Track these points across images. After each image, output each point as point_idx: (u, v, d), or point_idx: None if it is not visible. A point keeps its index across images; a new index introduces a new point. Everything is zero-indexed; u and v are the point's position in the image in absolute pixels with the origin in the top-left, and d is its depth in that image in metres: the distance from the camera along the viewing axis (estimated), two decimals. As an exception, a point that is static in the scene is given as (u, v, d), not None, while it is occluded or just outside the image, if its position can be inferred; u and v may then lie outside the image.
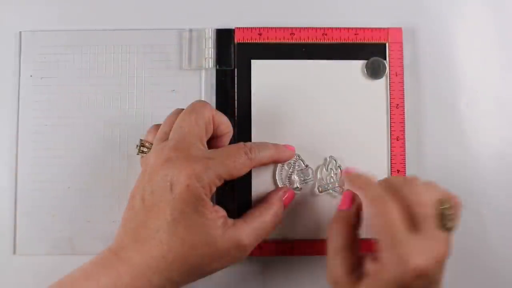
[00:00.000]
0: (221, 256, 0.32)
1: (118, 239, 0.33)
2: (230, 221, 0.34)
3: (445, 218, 0.32)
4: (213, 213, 0.32)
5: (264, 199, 0.38)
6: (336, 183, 0.40)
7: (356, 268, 0.33)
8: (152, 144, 0.36)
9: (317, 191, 0.41)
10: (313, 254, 0.41)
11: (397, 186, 0.33)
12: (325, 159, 0.41)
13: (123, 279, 0.31)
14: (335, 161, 0.41)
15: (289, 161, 0.40)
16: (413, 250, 0.30)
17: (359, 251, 0.34)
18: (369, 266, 0.32)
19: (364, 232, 0.35)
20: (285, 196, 0.38)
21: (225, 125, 0.37)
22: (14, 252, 0.41)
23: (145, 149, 0.36)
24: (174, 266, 0.31)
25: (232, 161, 0.34)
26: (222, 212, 0.34)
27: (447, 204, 0.32)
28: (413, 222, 0.31)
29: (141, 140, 0.37)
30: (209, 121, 0.35)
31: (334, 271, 0.33)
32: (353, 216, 0.35)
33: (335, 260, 0.34)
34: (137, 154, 0.37)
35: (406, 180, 0.34)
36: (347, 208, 0.36)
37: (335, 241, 0.34)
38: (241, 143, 0.35)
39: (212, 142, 0.37)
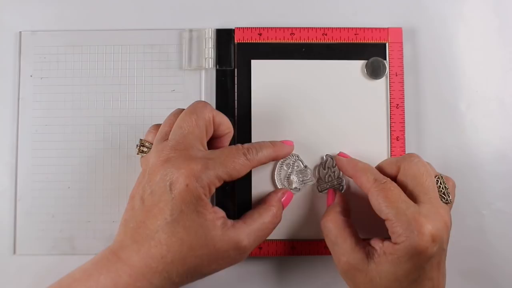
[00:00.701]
0: (220, 257, 0.33)
1: (118, 239, 0.33)
2: (230, 222, 0.34)
3: (444, 191, 0.34)
4: (212, 214, 0.32)
5: (263, 200, 0.38)
6: (335, 182, 0.40)
7: (362, 248, 0.34)
8: (152, 144, 0.36)
9: (317, 190, 0.41)
10: (313, 254, 0.41)
11: (393, 165, 0.36)
12: (322, 158, 0.41)
13: (123, 279, 0.31)
14: (332, 159, 0.41)
15: (288, 161, 0.40)
16: (424, 217, 0.32)
17: (357, 235, 0.35)
18: (379, 244, 0.33)
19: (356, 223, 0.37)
20: (284, 198, 0.38)
21: (226, 126, 0.37)
22: (14, 252, 0.41)
23: (145, 149, 0.36)
24: (173, 266, 0.31)
25: (231, 162, 0.34)
26: (221, 213, 0.34)
27: (443, 179, 0.35)
28: (415, 194, 0.33)
29: (141, 140, 0.37)
30: (209, 122, 0.35)
31: (340, 257, 0.34)
32: (338, 205, 0.37)
33: (336, 246, 0.35)
34: (137, 154, 0.37)
35: (402, 157, 0.36)
36: (331, 202, 0.39)
37: (330, 231, 0.36)
38: (239, 145, 0.36)
39: (213, 142, 0.37)
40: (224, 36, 0.42)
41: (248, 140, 0.41)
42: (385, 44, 0.42)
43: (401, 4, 0.43)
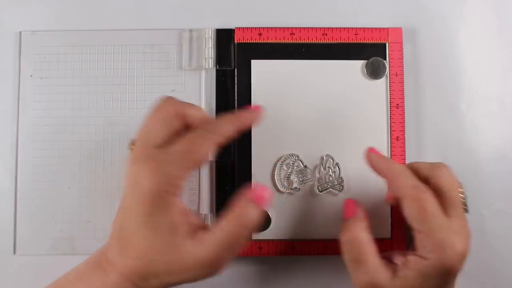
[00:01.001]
0: (187, 269, 0.30)
1: (108, 239, 0.33)
2: (199, 230, 0.31)
3: (465, 201, 0.34)
4: (180, 216, 0.31)
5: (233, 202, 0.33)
6: (335, 181, 0.40)
7: (386, 266, 0.33)
8: None
9: (317, 190, 0.40)
10: (313, 254, 0.41)
11: (426, 172, 0.34)
12: (322, 158, 0.41)
13: (110, 279, 0.31)
14: (332, 159, 0.41)
15: (288, 161, 0.40)
16: (455, 235, 0.31)
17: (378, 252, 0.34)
18: (401, 259, 0.33)
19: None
20: (255, 197, 0.32)
21: (194, 116, 0.33)
22: (14, 252, 0.41)
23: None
24: (149, 269, 0.30)
25: (191, 147, 0.31)
26: (192, 217, 0.32)
27: (463, 188, 0.34)
28: (445, 206, 0.32)
29: (131, 139, 0.36)
30: (173, 115, 0.33)
31: (362, 276, 0.32)
32: (362, 220, 0.35)
33: (359, 265, 0.33)
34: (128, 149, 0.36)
35: (434, 166, 0.34)
36: (353, 215, 0.35)
37: (353, 248, 0.33)
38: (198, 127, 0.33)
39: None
40: (224, 36, 0.42)
41: (248, 139, 0.41)
42: (385, 44, 0.42)
43: (401, 4, 0.43)
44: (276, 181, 0.40)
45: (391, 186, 0.35)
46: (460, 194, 0.33)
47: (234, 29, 0.42)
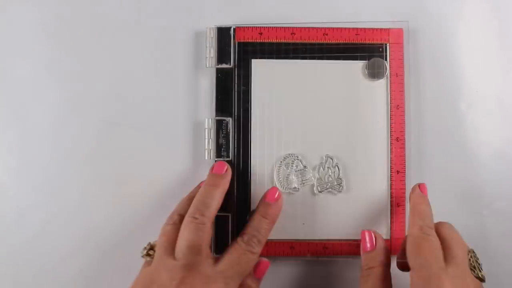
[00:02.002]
0: None
1: None
2: None
3: (475, 264, 0.34)
4: None
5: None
6: (335, 182, 0.40)
7: None
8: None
9: (316, 191, 0.40)
10: (312, 254, 0.41)
11: (436, 225, 0.35)
12: (322, 158, 0.41)
13: None
14: (332, 159, 0.41)
15: (288, 161, 0.40)
16: (446, 276, 0.31)
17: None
18: None
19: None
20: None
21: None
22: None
23: (152, 253, 0.35)
24: None
25: (243, 267, 0.34)
26: None
27: (475, 253, 0.34)
28: (445, 257, 0.33)
29: (150, 243, 0.36)
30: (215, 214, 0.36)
31: None
32: (382, 255, 0.36)
33: None
34: (142, 256, 0.36)
35: (443, 223, 0.36)
36: (372, 248, 0.37)
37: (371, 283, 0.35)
38: (240, 242, 0.35)
39: None
40: (224, 35, 0.42)
41: (247, 139, 0.41)
42: (385, 45, 0.42)
43: (402, 5, 0.43)
44: (276, 181, 0.40)
45: (413, 223, 0.35)
46: (466, 252, 0.34)
47: (234, 28, 0.42)
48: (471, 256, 0.34)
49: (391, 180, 0.41)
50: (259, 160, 0.41)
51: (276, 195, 0.37)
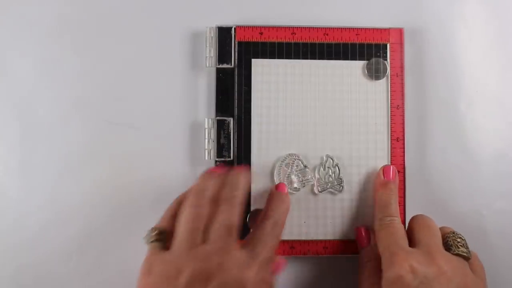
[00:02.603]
0: None
1: None
2: None
3: (454, 244, 0.36)
4: None
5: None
6: (335, 182, 0.40)
7: None
8: (168, 232, 0.34)
9: (316, 190, 0.40)
10: (312, 254, 0.41)
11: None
12: (322, 158, 0.41)
13: None
14: (332, 159, 0.41)
15: (288, 161, 0.40)
16: (408, 254, 0.34)
17: None
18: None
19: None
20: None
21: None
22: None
23: (162, 238, 0.33)
24: None
25: (271, 251, 0.34)
26: None
27: (454, 234, 0.37)
28: (414, 242, 0.36)
29: (157, 227, 0.34)
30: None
31: None
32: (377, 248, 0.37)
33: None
34: (151, 242, 0.34)
35: (415, 216, 0.39)
36: (367, 244, 0.39)
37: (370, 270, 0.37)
38: (267, 225, 0.35)
39: None
40: (225, 35, 0.42)
41: (248, 139, 0.41)
42: (386, 45, 0.42)
43: (403, 5, 0.43)
44: (276, 181, 0.40)
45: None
46: (437, 232, 0.36)
47: (235, 28, 0.42)
48: (448, 237, 0.36)
49: (391, 180, 0.41)
50: (259, 160, 0.41)
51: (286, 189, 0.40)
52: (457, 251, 0.35)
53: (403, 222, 0.40)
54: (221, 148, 0.41)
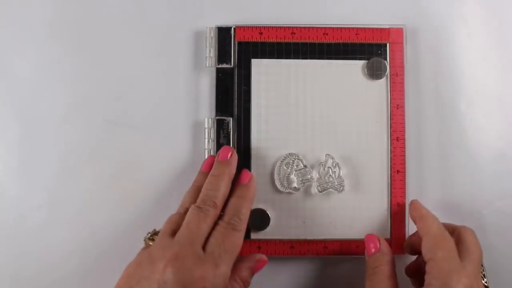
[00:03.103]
0: None
1: None
2: None
3: (485, 274, 0.36)
4: None
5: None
6: (335, 182, 0.40)
7: None
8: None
9: (317, 190, 0.40)
10: (312, 254, 0.41)
11: (452, 226, 0.37)
12: (322, 158, 0.41)
13: None
14: (332, 159, 0.41)
15: (288, 160, 0.40)
16: (462, 271, 0.33)
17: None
18: None
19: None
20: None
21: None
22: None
23: (156, 237, 0.36)
24: None
25: (229, 244, 0.34)
26: None
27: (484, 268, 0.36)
28: (461, 254, 0.34)
29: (155, 230, 0.37)
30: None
31: None
32: (388, 255, 0.37)
33: None
34: (145, 240, 0.36)
35: (461, 226, 0.37)
36: (376, 250, 0.37)
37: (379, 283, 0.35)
38: (220, 223, 0.35)
39: None
40: (224, 35, 0.42)
41: (247, 139, 0.41)
42: (386, 44, 0.42)
43: (402, 4, 0.43)
44: (276, 181, 0.40)
45: (418, 227, 0.37)
46: (481, 259, 0.35)
47: (234, 28, 0.42)
48: (483, 269, 0.35)
49: (391, 180, 0.41)
50: (259, 160, 0.41)
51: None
52: (486, 283, 0.35)
53: (403, 223, 0.40)
54: (220, 148, 0.41)
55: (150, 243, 0.35)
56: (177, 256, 0.32)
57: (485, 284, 0.35)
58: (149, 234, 0.36)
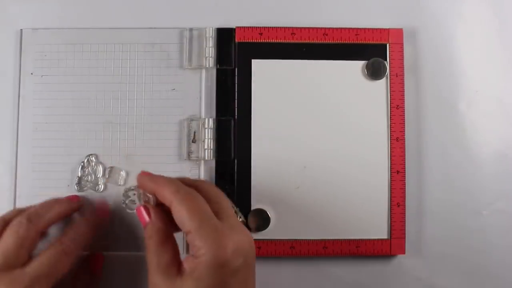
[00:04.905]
0: None
1: None
2: None
3: (237, 211, 0.37)
4: None
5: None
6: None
7: (174, 266, 0.32)
8: None
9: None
10: (312, 254, 0.41)
11: (192, 183, 0.35)
12: (83, 162, 0.41)
13: None
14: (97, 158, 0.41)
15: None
16: (226, 230, 0.31)
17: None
18: (186, 262, 0.32)
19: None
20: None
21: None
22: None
23: None
24: None
25: (53, 266, 0.34)
26: None
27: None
28: (215, 211, 0.33)
29: None
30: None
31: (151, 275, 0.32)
32: (157, 221, 0.34)
33: (151, 263, 0.32)
34: None
35: (198, 179, 0.37)
36: (148, 221, 0.34)
37: (150, 248, 0.33)
38: (54, 241, 0.35)
39: None
40: (224, 35, 0.42)
41: (248, 139, 0.41)
42: (385, 45, 0.42)
43: (402, 5, 0.43)
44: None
45: (161, 199, 0.34)
46: (231, 206, 0.35)
47: (235, 28, 0.42)
48: (232, 205, 0.35)
49: (391, 180, 0.41)
50: (260, 160, 0.41)
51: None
52: (241, 219, 0.37)
53: (403, 223, 0.40)
54: (221, 148, 0.41)
55: None
56: None
57: (242, 220, 0.36)
58: None
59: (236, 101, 0.41)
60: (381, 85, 0.42)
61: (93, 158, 0.41)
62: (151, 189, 0.34)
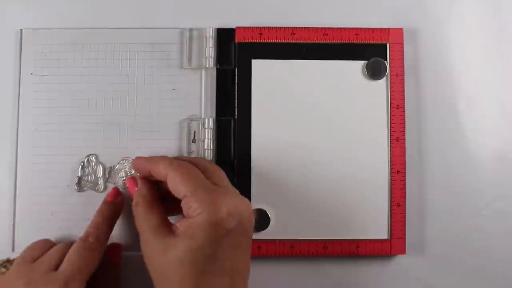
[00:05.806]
0: None
1: None
2: None
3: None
4: None
5: None
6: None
7: (166, 227, 0.33)
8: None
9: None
10: (312, 254, 0.41)
11: (189, 159, 0.36)
12: (83, 162, 0.41)
13: None
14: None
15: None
16: (221, 193, 0.32)
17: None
18: (179, 223, 0.32)
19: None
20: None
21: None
22: (13, 250, 0.41)
23: (9, 265, 0.39)
24: None
25: (82, 262, 0.35)
26: None
27: None
28: (209, 177, 0.34)
29: (8, 258, 0.39)
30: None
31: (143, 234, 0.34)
32: (143, 188, 0.36)
33: (142, 226, 0.34)
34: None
35: (194, 157, 0.38)
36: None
37: (138, 213, 0.35)
38: (78, 240, 0.37)
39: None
40: (224, 36, 0.42)
41: (248, 139, 0.41)
42: (385, 45, 0.42)
43: (402, 5, 0.43)
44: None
45: (157, 176, 0.35)
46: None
47: (235, 29, 0.42)
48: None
49: (391, 180, 0.41)
50: (260, 160, 0.41)
51: (113, 196, 0.39)
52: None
53: (403, 223, 0.40)
54: (221, 148, 0.41)
55: (3, 270, 0.37)
56: (30, 281, 0.34)
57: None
58: (1, 261, 0.38)
59: (236, 101, 0.41)
60: (381, 85, 0.42)
61: (93, 158, 0.41)
62: (146, 168, 0.36)
